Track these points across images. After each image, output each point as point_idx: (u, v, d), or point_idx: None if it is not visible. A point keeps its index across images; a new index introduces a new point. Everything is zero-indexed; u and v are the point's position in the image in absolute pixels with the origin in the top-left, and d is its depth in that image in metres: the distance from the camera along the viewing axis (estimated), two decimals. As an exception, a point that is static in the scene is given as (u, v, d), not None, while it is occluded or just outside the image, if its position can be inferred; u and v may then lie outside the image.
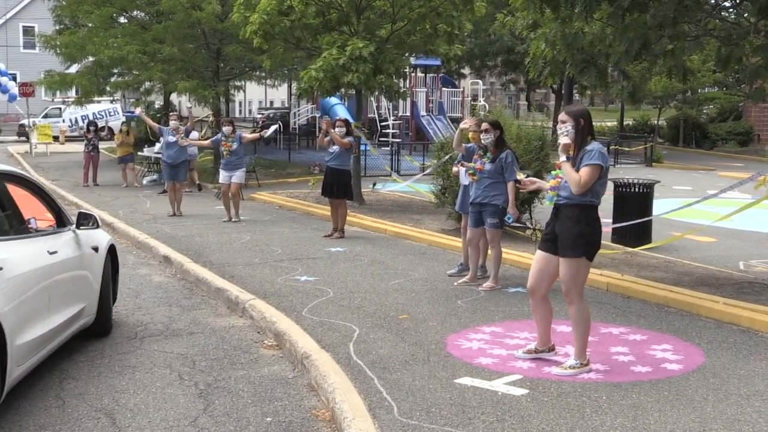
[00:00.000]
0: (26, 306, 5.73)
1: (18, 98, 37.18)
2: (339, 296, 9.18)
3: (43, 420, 5.61)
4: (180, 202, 16.59)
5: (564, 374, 6.45)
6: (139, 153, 24.90)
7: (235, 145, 15.38)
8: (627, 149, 36.53)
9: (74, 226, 7.23)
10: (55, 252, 6.46)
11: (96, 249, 7.53)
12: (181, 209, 16.50)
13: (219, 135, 15.94)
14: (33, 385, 6.32)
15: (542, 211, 13.81)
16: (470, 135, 10.24)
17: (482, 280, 10.00)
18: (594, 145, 6.48)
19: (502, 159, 9.66)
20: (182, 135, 16.64)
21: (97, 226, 7.42)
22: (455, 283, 9.95)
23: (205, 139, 19.42)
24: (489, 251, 10.09)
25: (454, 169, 10.63)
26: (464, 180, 10.38)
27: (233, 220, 15.35)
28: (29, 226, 6.59)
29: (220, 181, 15.73)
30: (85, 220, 7.21)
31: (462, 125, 10.45)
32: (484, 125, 9.82)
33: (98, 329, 7.67)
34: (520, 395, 5.97)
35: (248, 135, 16.57)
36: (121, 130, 24.48)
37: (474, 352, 7.07)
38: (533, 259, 6.92)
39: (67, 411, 5.79)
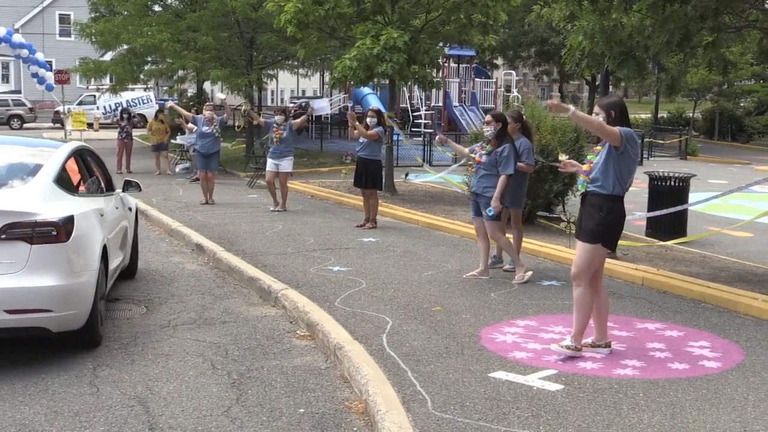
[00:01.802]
0: (113, 241, 7.93)
1: (54, 86, 37.50)
2: (372, 287, 9.14)
3: (78, 407, 5.62)
4: (212, 191, 16.64)
5: (556, 350, 6.67)
6: (172, 141, 24.96)
7: (285, 133, 15.38)
8: (661, 142, 36.14)
9: (121, 190, 9.20)
10: (117, 208, 8.62)
11: (130, 209, 9.63)
12: (214, 198, 16.56)
13: (272, 119, 15.92)
14: (68, 370, 6.34)
15: (575, 204, 13.68)
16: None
17: (495, 271, 10.04)
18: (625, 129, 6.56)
19: (498, 153, 9.59)
20: (216, 126, 16.63)
21: (140, 190, 9.45)
22: (464, 276, 9.86)
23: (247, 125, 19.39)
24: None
25: (477, 158, 10.55)
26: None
27: (278, 209, 15.37)
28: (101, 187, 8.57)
29: (267, 169, 15.72)
30: (130, 185, 9.26)
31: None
32: (487, 117, 9.89)
33: (130, 270, 9.65)
34: (555, 390, 5.90)
35: (297, 121, 16.51)
36: (156, 118, 24.56)
37: (508, 345, 7.00)
38: (576, 249, 6.90)
39: (101, 398, 5.80)
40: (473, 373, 6.25)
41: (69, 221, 6.52)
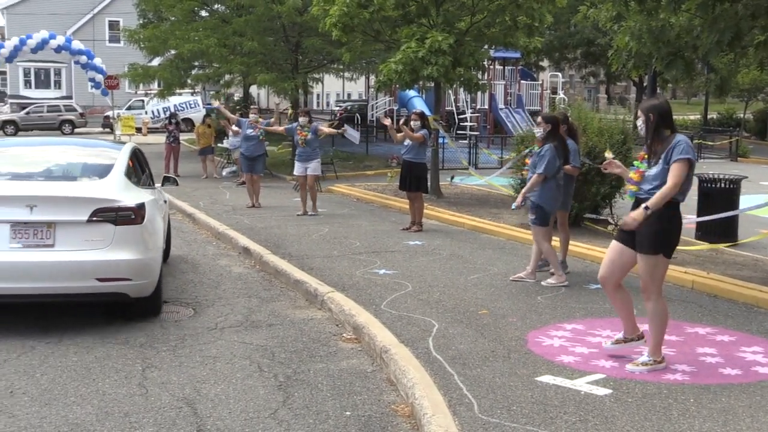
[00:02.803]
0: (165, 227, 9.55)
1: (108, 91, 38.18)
2: (418, 290, 9.13)
3: (128, 407, 5.69)
4: (258, 193, 16.75)
5: (635, 370, 6.36)
6: (218, 145, 25.21)
7: (310, 136, 15.31)
8: (711, 143, 35.65)
9: (160, 184, 10.09)
10: (164, 201, 9.79)
11: (165, 201, 10.35)
12: (260, 201, 16.67)
13: (294, 124, 15.92)
14: (118, 371, 6.42)
15: (622, 207, 13.55)
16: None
17: (542, 274, 9.96)
18: (680, 137, 6.32)
19: (537, 152, 9.56)
20: (261, 129, 16.75)
21: (176, 185, 10.79)
22: (511, 278, 9.82)
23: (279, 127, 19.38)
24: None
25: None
26: None
27: (309, 213, 15.33)
28: None
29: (295, 173, 15.74)
30: (168, 181, 10.43)
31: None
32: (539, 119, 9.80)
33: (165, 253, 10.25)
34: (603, 395, 5.83)
35: (325, 128, 16.43)
36: (203, 122, 24.78)
37: (555, 349, 6.95)
38: (608, 249, 6.77)
39: (150, 399, 5.86)
40: (520, 377, 6.21)
41: (142, 207, 7.89)
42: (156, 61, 33.27)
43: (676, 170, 6.18)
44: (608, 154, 7.19)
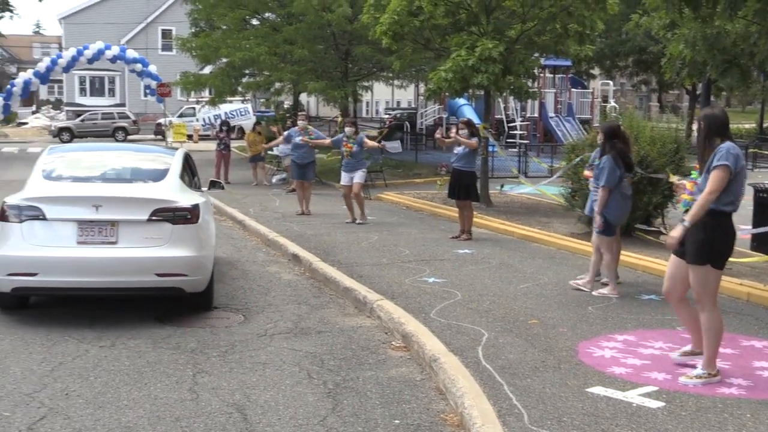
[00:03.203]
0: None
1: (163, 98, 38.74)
2: (467, 299, 9.10)
3: (179, 412, 5.74)
4: (309, 200, 16.81)
5: (689, 383, 6.28)
6: (269, 152, 25.33)
7: (355, 148, 15.23)
8: (767, 153, 35.00)
9: (206, 188, 10.25)
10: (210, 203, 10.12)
11: (209, 203, 10.29)
12: (309, 208, 16.74)
13: (341, 135, 15.88)
14: (169, 376, 6.49)
15: (675, 216, 13.36)
16: (599, 138, 10.04)
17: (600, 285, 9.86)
18: (724, 145, 6.23)
19: (597, 165, 9.47)
20: (312, 136, 16.81)
21: (222, 188, 11.17)
22: (570, 282, 9.74)
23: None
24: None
25: (586, 172, 10.37)
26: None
27: (357, 221, 15.26)
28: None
29: (342, 182, 15.70)
30: (214, 185, 10.61)
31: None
32: (597, 129, 9.69)
33: None
34: (656, 408, 5.75)
35: (370, 142, 16.26)
36: (253, 130, 24.97)
37: (606, 360, 6.87)
38: (668, 263, 6.69)
39: (201, 404, 5.91)
40: (570, 387, 6.15)
41: (197, 207, 8.46)
42: (207, 69, 33.64)
43: (712, 177, 6.12)
44: (673, 178, 7.13)
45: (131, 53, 38.69)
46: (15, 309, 8.51)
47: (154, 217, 8.09)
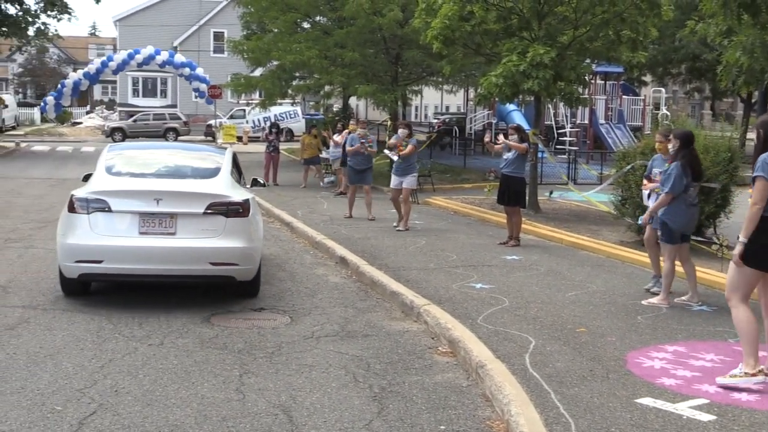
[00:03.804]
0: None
1: (212, 100, 39.18)
2: (515, 305, 9.04)
3: (225, 412, 5.78)
4: (371, 205, 16.51)
5: (725, 382, 6.31)
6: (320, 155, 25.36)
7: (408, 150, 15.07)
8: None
9: (249, 185, 10.72)
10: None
11: (255, 199, 10.65)
12: (352, 212, 16.54)
13: (395, 136, 15.71)
14: (216, 376, 6.54)
15: (727, 227, 13.18)
16: (656, 146, 9.89)
17: (641, 294, 9.77)
18: (765, 155, 6.24)
19: (665, 170, 9.31)
20: (371, 143, 16.78)
21: (264, 186, 11.67)
22: (644, 302, 9.45)
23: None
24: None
25: (646, 182, 10.19)
26: (646, 201, 9.95)
27: (399, 228, 14.92)
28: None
29: (391, 185, 15.48)
30: (256, 183, 10.96)
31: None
32: (670, 135, 9.47)
33: None
34: (707, 421, 5.65)
35: (409, 149, 15.92)
36: (309, 132, 24.91)
37: (656, 371, 6.77)
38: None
39: (247, 405, 5.94)
40: (619, 398, 6.07)
41: (248, 202, 9.14)
42: (258, 72, 33.88)
43: (755, 189, 6.21)
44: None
45: (179, 58, 39.25)
46: (79, 295, 9.15)
47: (209, 211, 8.77)
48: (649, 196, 10.00)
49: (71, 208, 8.79)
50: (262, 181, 11.23)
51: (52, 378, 6.38)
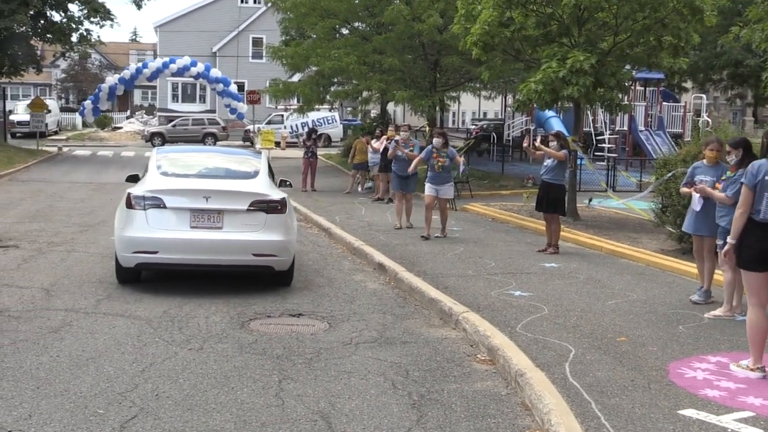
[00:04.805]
0: None
1: (244, 115, 39.35)
2: (554, 314, 8.98)
3: (264, 417, 5.80)
4: (410, 212, 16.25)
5: (736, 371, 6.94)
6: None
7: (447, 162, 14.80)
8: None
9: (278, 185, 11.16)
10: None
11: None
12: (410, 221, 16.21)
13: (429, 146, 15.33)
14: (255, 381, 6.56)
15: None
16: (708, 153, 9.71)
17: (684, 303, 9.67)
18: (753, 164, 7.06)
19: (731, 177, 9.11)
20: (413, 148, 16.69)
21: (290, 187, 11.73)
22: (706, 315, 9.18)
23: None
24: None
25: (684, 189, 10.02)
26: (696, 206, 9.73)
27: (437, 235, 14.69)
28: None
29: (426, 192, 14.94)
30: (284, 183, 11.44)
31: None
32: (727, 147, 9.20)
33: None
34: (751, 433, 5.57)
35: (460, 159, 15.72)
36: (363, 137, 24.59)
37: (699, 382, 6.68)
38: None
39: (286, 411, 5.95)
40: (661, 409, 6.00)
41: (285, 200, 10.14)
42: (296, 78, 34.06)
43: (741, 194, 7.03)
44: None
45: (215, 72, 39.43)
46: (132, 282, 10.16)
47: (251, 208, 9.81)
48: (702, 200, 9.71)
49: (129, 205, 9.77)
50: (288, 182, 11.70)
51: (94, 381, 6.45)
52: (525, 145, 14.88)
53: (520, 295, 9.92)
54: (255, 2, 60.46)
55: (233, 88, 39.00)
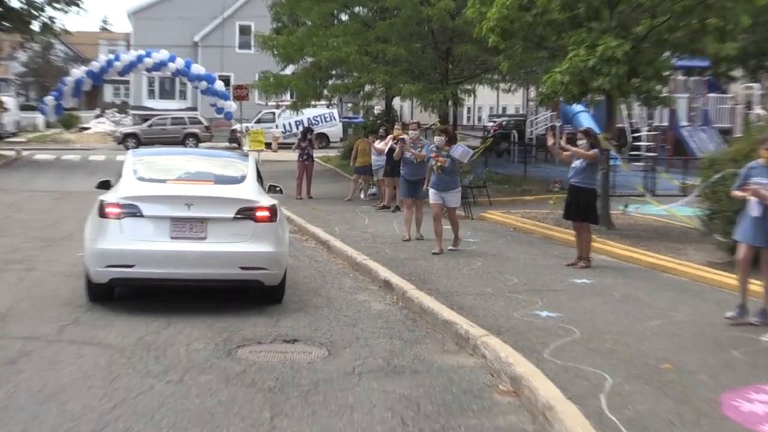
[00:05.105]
0: None
1: (233, 115, 39.31)
2: (586, 337, 8.91)
3: (254, 461, 5.73)
4: (421, 222, 16.05)
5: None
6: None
7: (447, 163, 14.56)
8: None
9: (266, 191, 11.29)
10: None
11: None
12: (420, 232, 16.08)
13: (431, 146, 15.21)
14: (244, 418, 6.49)
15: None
16: (762, 153, 9.63)
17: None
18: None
19: None
20: (422, 148, 16.30)
21: (281, 193, 11.69)
22: (764, 338, 9.08)
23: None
24: None
25: (737, 192, 9.93)
26: (754, 211, 9.61)
27: (450, 248, 14.60)
28: None
29: (431, 201, 14.82)
30: (274, 189, 11.43)
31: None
32: None
33: None
34: (818, 475, 5.48)
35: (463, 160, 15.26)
36: (366, 137, 24.37)
37: (758, 416, 6.59)
38: None
39: (279, 453, 5.89)
40: (713, 447, 5.92)
41: (275, 207, 10.23)
42: (289, 70, 34.08)
43: None
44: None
45: (197, 69, 39.13)
46: (104, 300, 10.19)
47: (239, 216, 9.95)
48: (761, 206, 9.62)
49: (102, 213, 9.84)
50: (279, 188, 11.73)
51: (57, 421, 6.37)
52: (550, 143, 14.84)
53: (548, 316, 9.87)
54: (242, -15, 60.80)
55: (219, 85, 38.99)
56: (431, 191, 14.90)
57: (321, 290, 11.62)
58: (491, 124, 51.43)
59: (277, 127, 45.20)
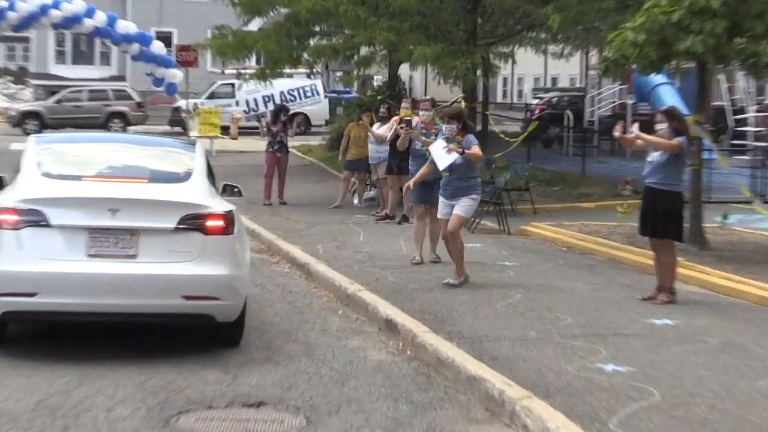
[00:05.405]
0: None
1: (176, 89, 39.09)
2: (670, 401, 8.91)
3: None
4: (437, 238, 15.74)
5: None
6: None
7: (458, 160, 14.20)
8: None
9: (221, 192, 11.50)
10: None
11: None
12: (437, 251, 15.98)
13: (440, 135, 14.96)
14: None
15: None
16: None
17: None
18: None
19: None
20: (435, 135, 16.22)
21: (240, 195, 12.04)
22: None
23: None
24: None
25: None
26: None
27: (451, 282, 14.15)
28: None
29: (439, 214, 14.78)
30: (232, 190, 11.68)
31: None
32: None
33: None
34: None
35: (476, 149, 14.44)
36: (358, 120, 24.35)
37: None
38: None
39: None
40: None
41: (232, 215, 10.31)
42: (255, 25, 34.13)
43: None
44: None
45: (125, 27, 37.90)
46: None
47: (182, 226, 9.90)
48: None
49: None
50: (237, 188, 11.99)
51: None
52: (617, 134, 14.81)
53: (615, 371, 9.87)
54: None
55: (157, 47, 38.56)
56: (440, 199, 14.70)
57: (297, 333, 11.63)
58: (536, 101, 51.60)
59: (237, 104, 45.36)
